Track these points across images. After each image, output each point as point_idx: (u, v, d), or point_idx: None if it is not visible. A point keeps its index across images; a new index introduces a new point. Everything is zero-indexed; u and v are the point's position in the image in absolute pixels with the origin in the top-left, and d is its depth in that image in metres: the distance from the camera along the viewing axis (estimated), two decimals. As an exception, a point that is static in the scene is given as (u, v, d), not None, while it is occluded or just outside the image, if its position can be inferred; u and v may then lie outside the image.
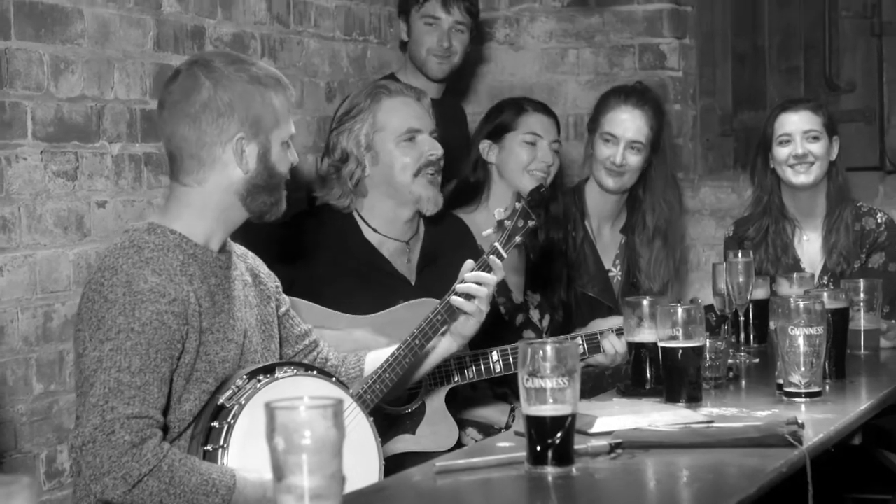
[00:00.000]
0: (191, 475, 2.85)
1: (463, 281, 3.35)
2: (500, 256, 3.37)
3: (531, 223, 3.42)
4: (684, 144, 5.66)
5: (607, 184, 4.68)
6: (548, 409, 2.57)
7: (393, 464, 3.40)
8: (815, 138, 4.55)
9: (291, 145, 3.16)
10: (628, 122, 4.66)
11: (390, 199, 3.98)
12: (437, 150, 3.98)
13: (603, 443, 2.79)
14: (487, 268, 3.35)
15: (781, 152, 4.56)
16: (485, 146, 4.51)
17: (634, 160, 4.66)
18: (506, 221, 3.41)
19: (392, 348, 3.45)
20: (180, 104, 3.06)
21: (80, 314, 2.97)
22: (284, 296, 3.39)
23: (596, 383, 4.20)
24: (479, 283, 3.34)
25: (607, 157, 4.65)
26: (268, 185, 3.10)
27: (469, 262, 3.39)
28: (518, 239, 3.40)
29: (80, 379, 2.92)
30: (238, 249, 3.27)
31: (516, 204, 3.44)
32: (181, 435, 3.00)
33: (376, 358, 3.49)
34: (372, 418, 3.23)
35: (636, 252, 4.76)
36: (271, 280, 3.34)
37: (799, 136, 4.54)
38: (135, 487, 2.80)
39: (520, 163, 4.45)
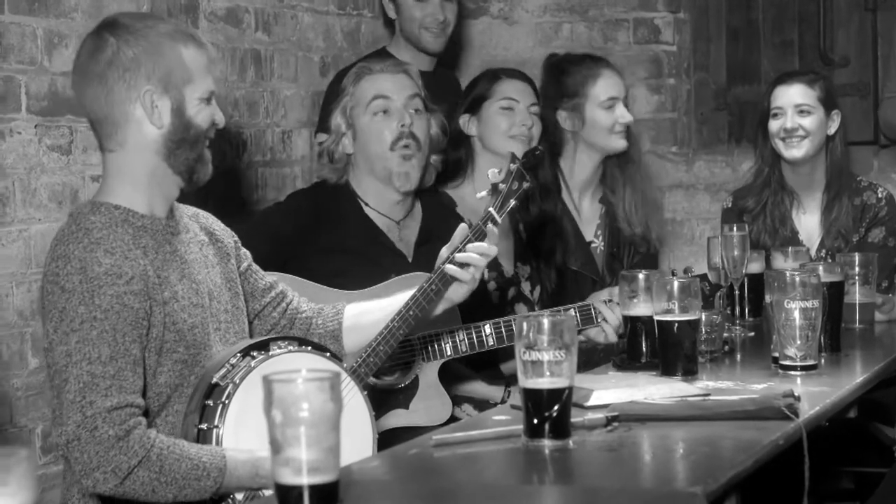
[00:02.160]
0: (180, 461, 2.84)
1: (459, 249, 3.31)
2: (494, 222, 3.34)
3: (526, 185, 3.38)
4: (678, 119, 5.66)
5: (619, 145, 4.74)
6: (545, 382, 2.57)
7: (386, 438, 3.40)
8: (807, 112, 4.54)
9: (214, 102, 3.08)
10: (616, 83, 4.76)
11: (374, 178, 3.99)
12: (406, 120, 3.97)
13: (599, 416, 2.79)
14: (482, 234, 3.33)
15: (774, 125, 4.57)
16: (464, 120, 4.50)
17: (630, 116, 4.75)
18: (500, 184, 3.37)
19: (374, 304, 3.45)
20: (87, 65, 3.01)
21: (42, 307, 2.93)
22: (245, 250, 3.33)
23: (588, 358, 4.20)
24: (478, 253, 3.31)
25: (615, 120, 4.68)
26: (186, 140, 3.03)
27: (463, 227, 3.35)
28: (513, 202, 3.37)
29: (51, 372, 2.88)
30: (188, 210, 3.21)
31: (511, 165, 3.40)
32: (163, 408, 2.98)
33: (357, 310, 3.46)
34: (366, 392, 3.23)
35: (613, 205, 4.77)
36: (227, 236, 3.27)
37: (790, 109, 4.55)
38: (126, 479, 2.79)
39: (500, 130, 4.45)
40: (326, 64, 5.09)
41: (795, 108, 4.55)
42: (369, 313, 3.45)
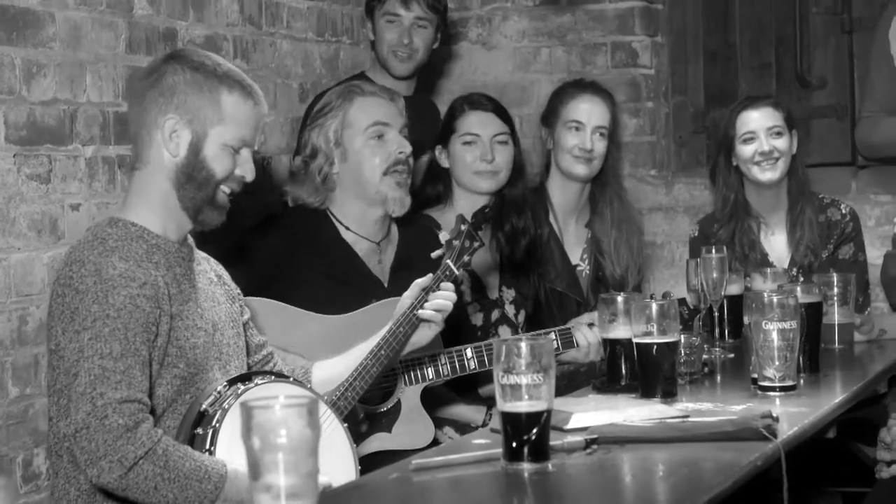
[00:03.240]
0: (184, 460, 2.87)
1: (424, 299, 3.50)
2: (452, 273, 3.53)
3: (476, 244, 3.56)
4: (657, 142, 5.68)
5: (577, 171, 4.70)
6: (523, 406, 2.58)
7: (369, 462, 3.41)
8: (779, 134, 4.57)
9: (245, 155, 3.14)
10: (592, 109, 4.69)
11: (359, 199, 3.98)
12: (406, 148, 3.98)
13: (578, 438, 2.80)
14: (441, 284, 3.52)
15: (746, 150, 4.58)
16: (437, 152, 4.52)
17: (601, 146, 4.71)
18: (454, 241, 3.54)
19: (338, 360, 3.56)
20: (137, 83, 3.18)
21: (50, 311, 2.99)
22: (245, 306, 3.42)
23: (570, 381, 4.21)
24: (444, 300, 3.51)
25: (575, 144, 4.67)
26: (195, 179, 3.10)
27: (425, 279, 3.52)
28: (466, 258, 3.55)
29: (55, 375, 2.93)
30: (201, 253, 3.30)
31: (462, 226, 3.56)
32: (157, 423, 3.00)
33: (323, 371, 3.56)
34: (346, 424, 3.25)
35: (599, 240, 4.78)
36: (234, 286, 3.38)
37: (763, 133, 4.56)
38: (130, 471, 2.81)
39: (464, 165, 4.46)
40: (305, 90, 5.10)
41: (768, 131, 4.56)
42: (334, 371, 3.56)
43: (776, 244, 4.64)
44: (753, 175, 4.57)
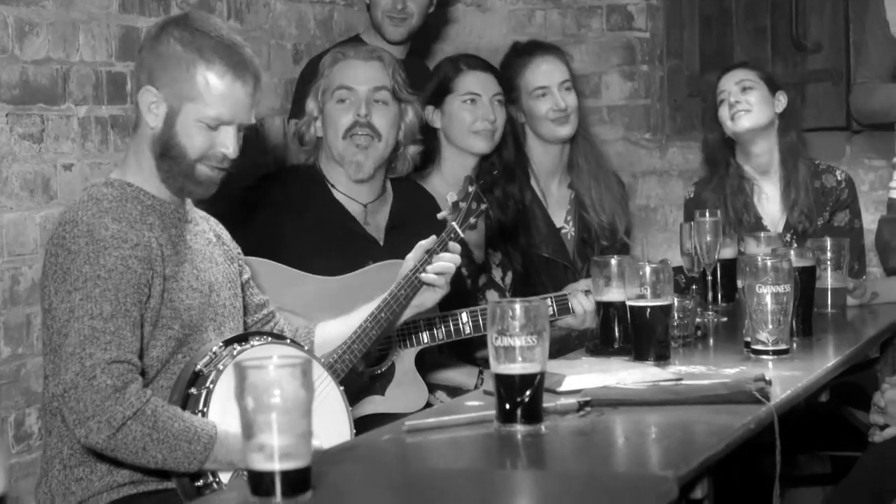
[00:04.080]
0: (173, 420, 2.86)
1: (427, 261, 3.44)
2: (457, 236, 3.49)
3: (483, 206, 3.54)
4: (652, 105, 5.67)
5: (560, 133, 4.69)
6: (517, 368, 2.58)
7: (362, 425, 3.41)
8: (749, 88, 4.58)
9: (226, 131, 3.08)
10: (551, 68, 4.68)
11: (337, 162, 3.99)
12: (362, 111, 3.97)
13: (571, 401, 2.80)
14: (445, 246, 3.46)
15: (722, 111, 4.60)
16: (428, 112, 4.48)
17: (572, 99, 4.70)
18: (460, 203, 3.51)
19: (340, 321, 3.52)
20: (140, 44, 3.19)
21: (44, 271, 2.99)
22: (245, 265, 3.40)
23: (563, 345, 4.21)
24: (447, 262, 3.45)
25: (548, 108, 4.66)
26: (170, 153, 3.07)
27: (429, 240, 3.46)
28: (472, 220, 3.51)
29: (49, 334, 2.94)
30: (200, 212, 3.28)
31: (469, 188, 3.53)
32: (150, 383, 3.00)
33: (326, 331, 3.53)
34: (343, 387, 3.25)
35: (581, 195, 4.77)
36: (234, 245, 3.37)
37: (733, 86, 4.58)
38: (118, 431, 2.81)
39: (463, 124, 4.43)
40: (299, 52, 5.08)
41: (738, 84, 4.58)
42: (337, 332, 3.52)
43: (770, 207, 4.64)
44: (729, 128, 4.58)
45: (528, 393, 2.59)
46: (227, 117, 3.07)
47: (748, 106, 4.55)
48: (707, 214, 4.05)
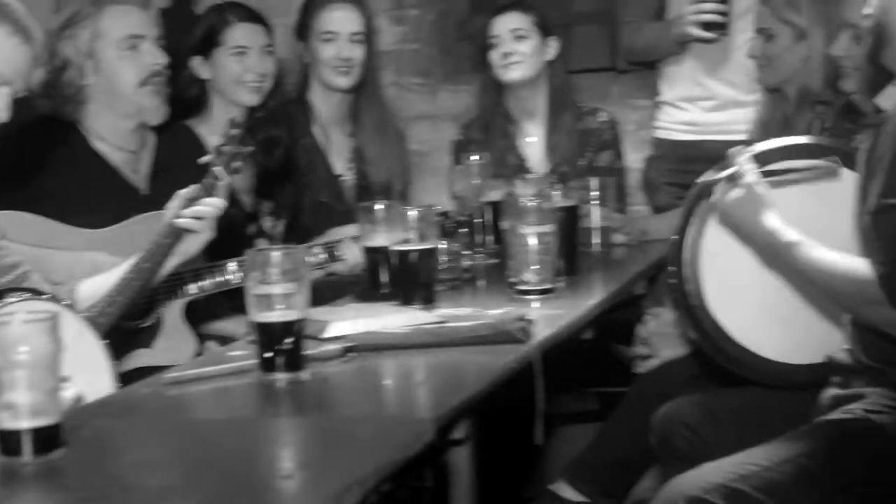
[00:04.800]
0: None
1: (187, 206, 3.38)
2: (221, 181, 3.43)
3: (247, 149, 3.54)
4: (421, 49, 5.67)
5: (338, 83, 4.65)
6: (276, 315, 2.57)
7: (130, 379, 3.33)
8: (523, 38, 4.62)
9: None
10: (345, 17, 4.65)
11: (111, 110, 3.90)
12: (161, 60, 3.91)
13: (336, 347, 2.80)
14: (210, 193, 3.41)
15: (494, 56, 4.63)
16: (196, 63, 4.40)
17: (359, 53, 4.65)
18: (223, 147, 3.48)
19: (104, 275, 3.43)
20: None
21: None
22: None
23: (337, 292, 4.20)
24: (207, 206, 3.39)
25: (332, 55, 4.63)
26: None
27: (190, 188, 3.41)
28: (236, 164, 3.48)
29: None
30: None
31: (232, 131, 3.51)
32: None
33: (88, 286, 3.43)
34: (107, 340, 3.18)
35: (363, 149, 4.76)
36: None
37: (507, 35, 4.61)
38: None
39: (232, 77, 4.36)
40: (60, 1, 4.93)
41: (511, 33, 4.62)
42: (101, 286, 3.42)
43: (532, 150, 4.69)
44: (499, 76, 4.62)
45: (288, 340, 2.58)
46: None
47: (521, 57, 4.60)
48: (474, 157, 4.07)
